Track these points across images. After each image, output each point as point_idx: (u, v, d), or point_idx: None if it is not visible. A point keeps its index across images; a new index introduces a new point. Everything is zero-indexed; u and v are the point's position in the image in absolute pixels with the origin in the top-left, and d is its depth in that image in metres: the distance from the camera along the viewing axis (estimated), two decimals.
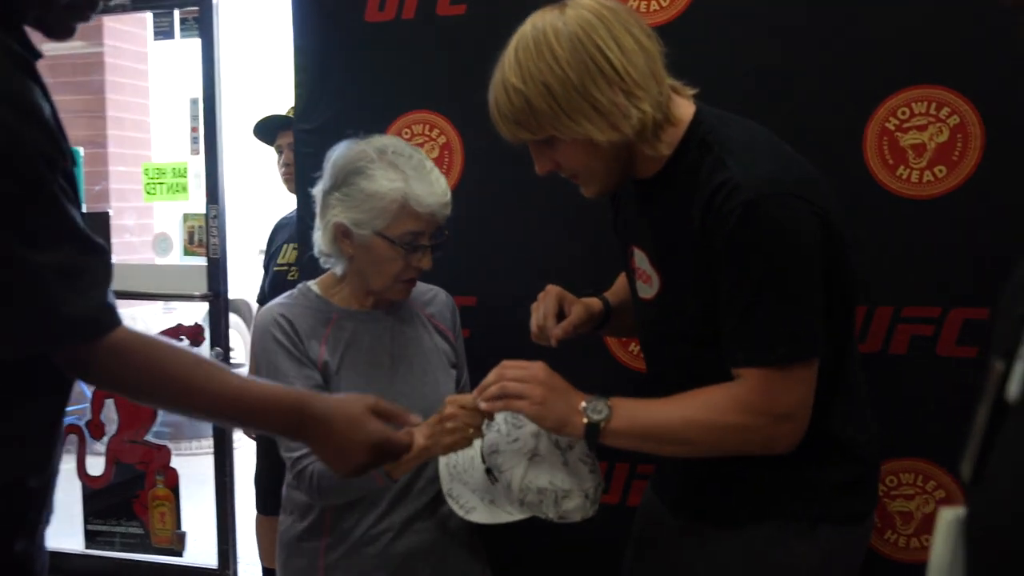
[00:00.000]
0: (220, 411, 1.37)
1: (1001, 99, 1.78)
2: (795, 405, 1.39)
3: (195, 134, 3.48)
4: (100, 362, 1.21)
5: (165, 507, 3.53)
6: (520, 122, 1.43)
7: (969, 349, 1.82)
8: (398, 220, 1.74)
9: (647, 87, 1.38)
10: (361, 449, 1.40)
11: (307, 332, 1.81)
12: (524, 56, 1.40)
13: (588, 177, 1.50)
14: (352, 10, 2.24)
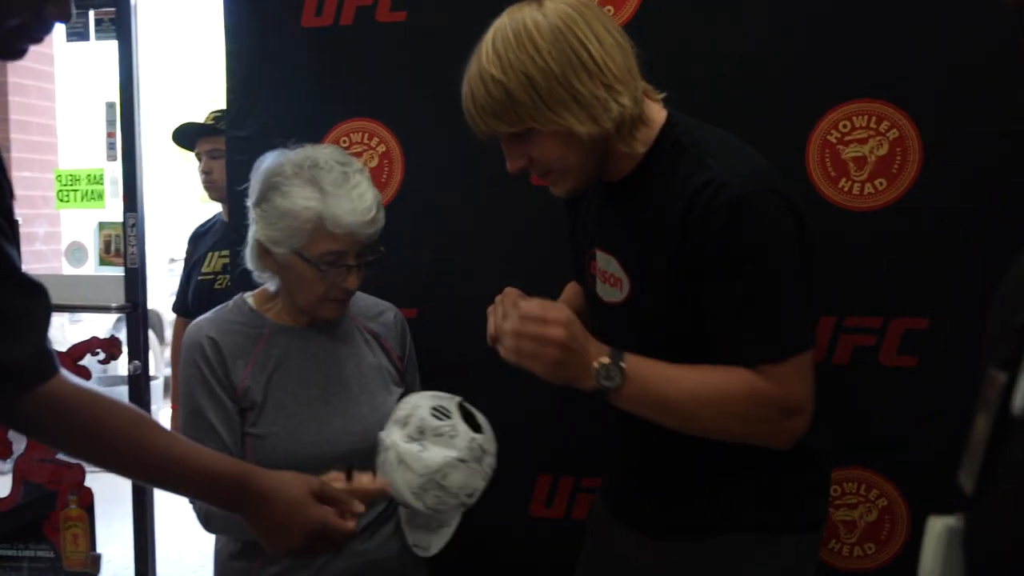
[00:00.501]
0: (158, 477, 1.31)
1: (938, 114, 1.82)
2: (805, 398, 1.39)
3: (111, 139, 3.34)
4: (30, 414, 1.14)
5: (78, 528, 3.37)
6: (498, 113, 1.41)
7: (910, 359, 1.86)
8: (315, 240, 1.68)
9: (625, 82, 1.39)
10: (298, 533, 1.35)
11: (234, 352, 1.74)
12: (504, 47, 1.39)
13: (562, 173, 1.47)
14: (288, 14, 2.18)
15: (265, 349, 1.77)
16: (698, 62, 1.95)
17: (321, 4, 2.16)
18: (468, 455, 1.66)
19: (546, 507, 2.09)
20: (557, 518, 2.08)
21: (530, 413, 2.05)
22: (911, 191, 1.84)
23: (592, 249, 1.59)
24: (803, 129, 1.89)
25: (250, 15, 2.21)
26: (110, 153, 3.37)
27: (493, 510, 2.04)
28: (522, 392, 2.04)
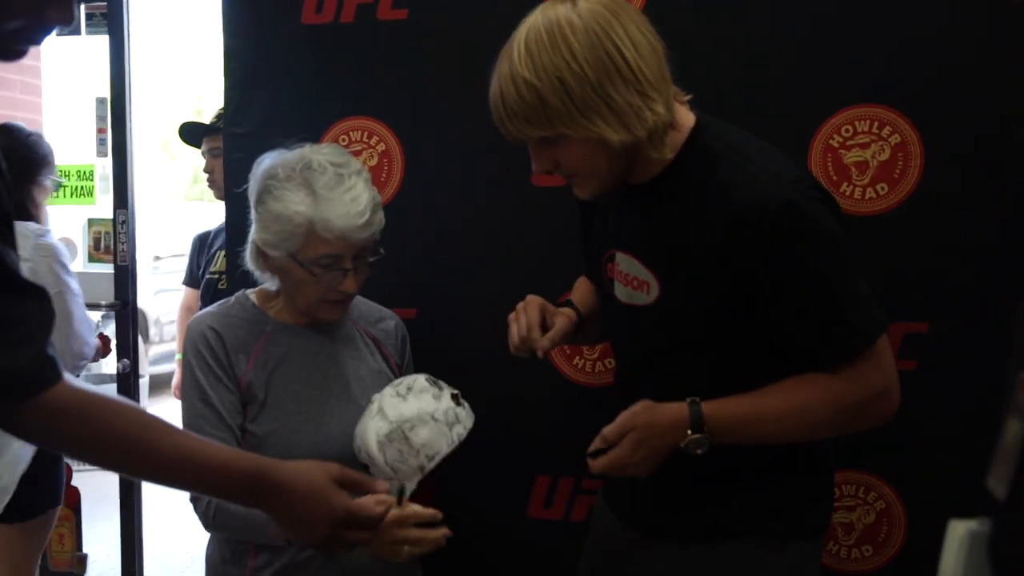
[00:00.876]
0: (172, 477, 1.28)
1: (940, 119, 1.83)
2: (884, 381, 1.43)
3: (102, 135, 3.32)
4: (33, 422, 1.12)
5: (64, 528, 3.34)
6: (530, 118, 1.38)
7: (909, 363, 1.86)
8: (308, 244, 1.68)
9: (660, 88, 1.37)
10: (324, 522, 1.32)
11: (236, 347, 1.74)
12: (538, 49, 1.35)
13: (588, 177, 1.46)
14: (287, 11, 2.16)
15: (267, 346, 1.76)
16: (700, 65, 1.93)
17: (321, 1, 2.15)
18: (442, 416, 1.67)
19: (545, 508, 2.08)
20: (556, 519, 2.08)
21: (529, 413, 2.05)
22: (912, 196, 1.85)
23: (611, 251, 1.58)
24: (805, 133, 1.89)
25: (249, 11, 2.20)
26: (100, 149, 3.34)
27: (492, 511, 2.04)
28: (521, 392, 2.05)
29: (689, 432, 1.40)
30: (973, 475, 1.81)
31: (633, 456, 1.42)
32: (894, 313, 1.86)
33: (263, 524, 1.53)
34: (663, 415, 1.43)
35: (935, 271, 1.85)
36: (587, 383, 2.05)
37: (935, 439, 1.86)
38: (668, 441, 1.42)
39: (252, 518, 1.55)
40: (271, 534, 1.60)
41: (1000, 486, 0.72)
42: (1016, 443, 0.71)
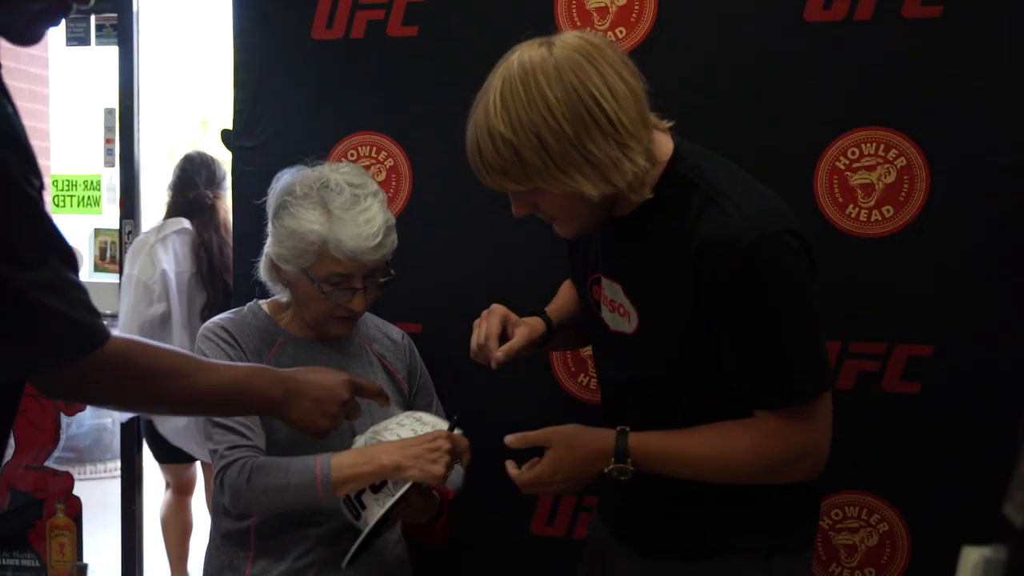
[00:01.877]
0: (214, 409, 1.49)
1: (946, 143, 1.84)
2: (814, 442, 1.40)
3: (110, 145, 3.33)
4: (96, 376, 1.19)
5: (65, 537, 3.33)
6: (507, 173, 1.35)
7: (913, 385, 1.87)
8: (320, 262, 1.70)
9: (639, 136, 1.34)
10: (341, 386, 1.50)
11: (249, 348, 1.77)
12: (513, 101, 1.31)
13: (568, 222, 1.45)
14: (298, 26, 2.18)
15: (276, 356, 1.79)
16: (708, 87, 1.96)
17: (332, 16, 2.16)
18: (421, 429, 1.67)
19: (547, 525, 2.09)
20: (559, 536, 2.08)
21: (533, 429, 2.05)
22: (918, 219, 1.86)
23: (597, 275, 1.58)
24: (812, 155, 1.90)
25: (260, 25, 2.21)
26: (108, 159, 3.35)
27: (495, 527, 2.04)
28: (526, 408, 2.05)
29: (612, 460, 1.43)
30: (977, 498, 1.83)
31: (554, 474, 1.46)
32: (898, 335, 1.87)
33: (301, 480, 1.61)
34: (585, 440, 1.47)
35: (940, 294, 1.85)
36: (591, 400, 2.05)
37: (939, 461, 1.87)
38: (590, 465, 1.46)
39: (293, 470, 1.62)
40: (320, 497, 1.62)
41: (1018, 514, 0.72)
42: None
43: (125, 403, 1.31)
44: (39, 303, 1.08)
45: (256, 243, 2.23)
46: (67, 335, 1.12)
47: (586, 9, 2.01)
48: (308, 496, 1.61)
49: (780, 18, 1.91)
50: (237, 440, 1.67)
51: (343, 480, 1.59)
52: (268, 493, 1.63)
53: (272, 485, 1.62)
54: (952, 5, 1.81)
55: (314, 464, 1.61)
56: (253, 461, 1.65)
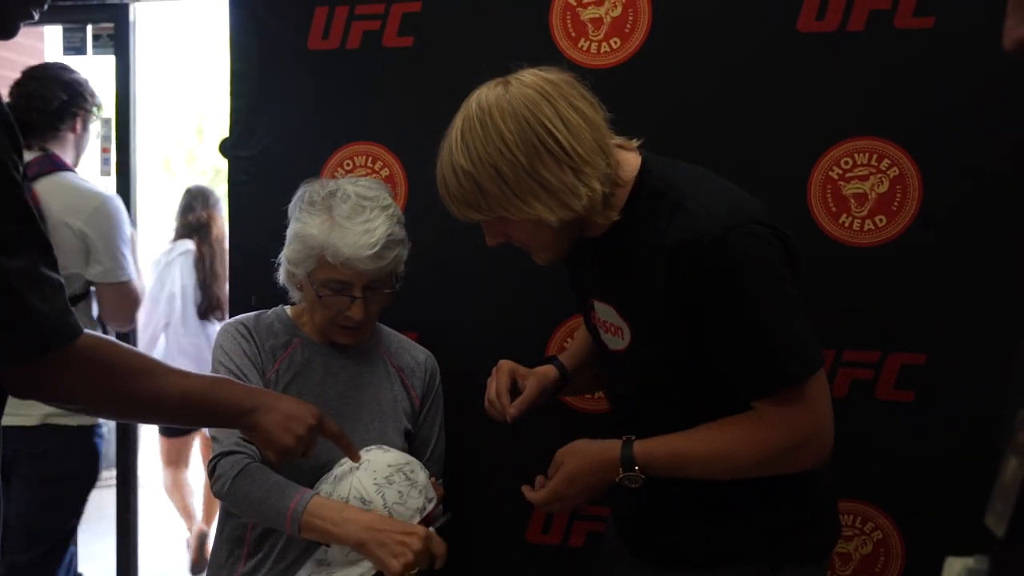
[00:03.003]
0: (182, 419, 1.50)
1: (938, 153, 1.85)
2: (813, 426, 1.42)
3: (106, 155, 3.33)
4: (65, 372, 1.18)
5: None
6: (470, 203, 1.46)
7: (906, 393, 1.88)
8: (320, 267, 1.74)
9: (594, 163, 1.41)
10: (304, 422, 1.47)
11: (265, 346, 1.81)
12: (471, 138, 1.42)
13: (539, 249, 1.53)
14: (294, 36, 2.19)
15: (291, 356, 1.82)
16: (701, 98, 1.97)
17: (328, 27, 2.18)
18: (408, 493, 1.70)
19: (543, 533, 2.09)
20: (554, 544, 2.08)
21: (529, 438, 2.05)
22: (910, 228, 1.86)
23: (591, 300, 1.62)
24: (805, 165, 1.91)
25: (256, 36, 2.22)
26: (104, 168, 3.35)
27: (491, 535, 2.04)
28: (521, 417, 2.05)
29: (621, 470, 1.47)
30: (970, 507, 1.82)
31: (568, 488, 1.52)
32: (892, 344, 1.88)
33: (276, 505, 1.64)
34: (593, 453, 1.52)
35: (933, 303, 1.86)
36: (587, 409, 2.06)
37: (933, 470, 1.87)
38: (602, 476, 1.50)
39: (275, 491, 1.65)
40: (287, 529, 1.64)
41: (999, 524, 0.73)
42: (1015, 482, 0.72)
43: (93, 402, 1.29)
44: (15, 291, 1.08)
45: (251, 251, 2.24)
46: (38, 329, 1.12)
47: (581, 20, 2.02)
48: (277, 522, 1.65)
49: (773, 29, 1.92)
50: (240, 440, 1.70)
51: (311, 528, 1.63)
52: (245, 500, 1.67)
53: (250, 496, 1.66)
54: (944, 16, 1.83)
55: (293, 498, 1.63)
56: (249, 463, 1.68)
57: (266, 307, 1.96)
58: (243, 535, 1.80)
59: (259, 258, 2.21)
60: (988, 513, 0.75)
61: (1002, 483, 0.73)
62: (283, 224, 1.89)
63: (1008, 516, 0.72)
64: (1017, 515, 0.72)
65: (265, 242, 2.19)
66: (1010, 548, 0.72)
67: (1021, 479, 0.71)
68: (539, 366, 1.76)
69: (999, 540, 0.72)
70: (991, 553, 0.76)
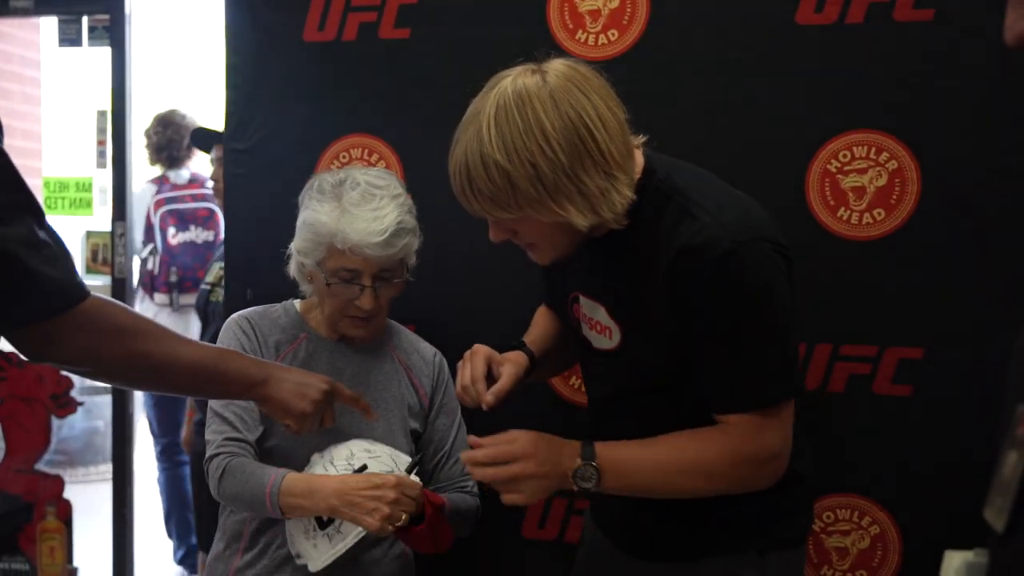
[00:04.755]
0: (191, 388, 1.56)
1: (937, 146, 1.84)
2: (780, 444, 1.40)
3: (102, 147, 3.33)
4: (74, 332, 1.19)
5: (55, 540, 3.32)
6: (497, 200, 1.34)
7: (904, 388, 1.87)
8: (330, 255, 1.72)
9: (626, 167, 1.35)
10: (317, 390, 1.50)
11: (268, 341, 1.81)
12: (510, 130, 1.30)
13: (548, 249, 1.45)
14: (290, 28, 2.18)
15: (296, 351, 1.82)
16: (699, 90, 1.96)
17: (324, 19, 2.16)
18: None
19: (539, 528, 2.08)
20: (550, 540, 2.08)
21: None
22: (909, 222, 1.86)
23: (575, 293, 1.58)
24: (804, 158, 1.90)
25: (252, 27, 2.21)
26: (100, 161, 3.35)
27: (486, 530, 2.03)
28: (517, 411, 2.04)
29: (580, 459, 1.39)
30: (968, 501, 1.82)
31: (524, 454, 1.40)
32: (889, 338, 1.87)
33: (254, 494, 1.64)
34: (553, 438, 1.44)
35: (931, 297, 1.86)
36: (582, 403, 2.04)
37: (930, 464, 1.87)
38: (558, 459, 1.40)
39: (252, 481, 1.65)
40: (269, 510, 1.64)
41: (998, 518, 0.72)
42: (1014, 476, 0.71)
43: (104, 364, 1.28)
44: (18, 259, 1.09)
45: (247, 244, 2.24)
46: (46, 292, 1.13)
47: (578, 12, 2.01)
48: (261, 509, 1.67)
49: (772, 21, 1.91)
50: (228, 432, 1.71)
51: (290, 508, 1.63)
52: (234, 498, 1.69)
53: (235, 492, 1.67)
54: (944, 9, 1.82)
55: (267, 482, 1.64)
56: (228, 462, 1.68)
57: (261, 301, 1.96)
58: (241, 529, 1.80)
59: (255, 251, 2.21)
60: (987, 507, 0.74)
61: (1001, 477, 0.73)
62: (280, 216, 1.88)
63: (1008, 510, 0.72)
64: (1016, 509, 0.71)
65: (261, 235, 2.19)
66: (1009, 542, 0.71)
67: (1020, 473, 0.70)
68: (508, 352, 1.69)
69: (998, 534, 0.72)
70: (990, 547, 0.75)
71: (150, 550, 3.54)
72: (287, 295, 1.93)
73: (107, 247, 3.33)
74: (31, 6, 3.30)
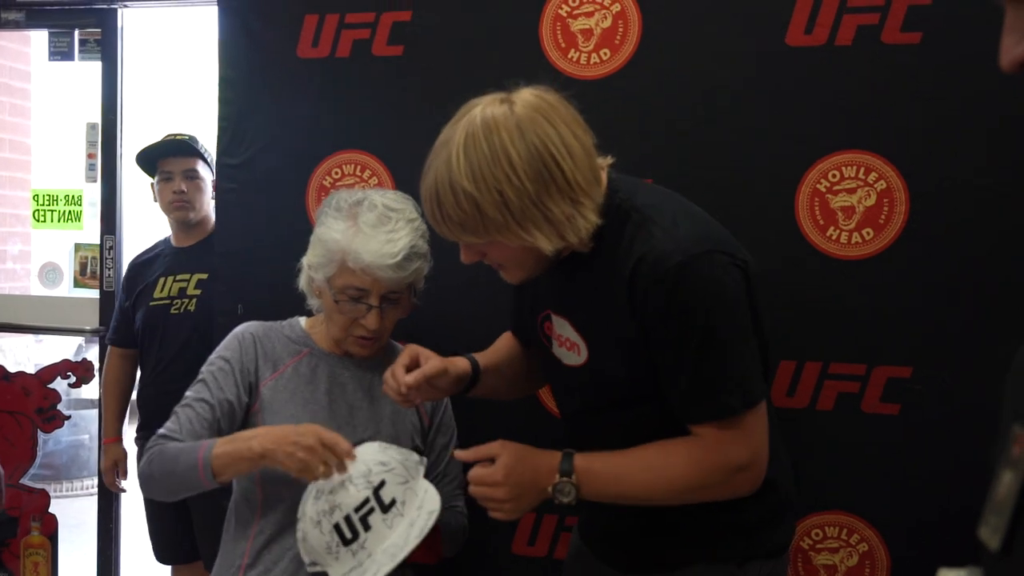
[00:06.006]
0: None
1: (925, 167, 1.86)
2: (751, 453, 1.42)
3: (92, 160, 3.32)
4: None
5: (40, 556, 3.29)
6: (465, 226, 1.39)
7: (892, 406, 1.88)
8: (340, 273, 1.74)
9: (591, 193, 1.38)
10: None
11: (267, 356, 1.81)
12: (478, 159, 1.34)
13: (516, 270, 1.49)
14: (283, 44, 2.19)
15: (296, 365, 1.82)
16: (690, 110, 1.98)
17: (318, 35, 2.17)
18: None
19: (528, 545, 2.08)
20: (539, 556, 2.08)
21: None
22: (897, 242, 1.87)
23: (546, 310, 1.60)
24: (793, 177, 1.92)
25: (245, 43, 2.22)
26: (90, 174, 3.34)
27: (476, 547, 2.03)
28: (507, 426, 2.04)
29: (557, 475, 1.43)
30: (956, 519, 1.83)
31: (506, 478, 1.44)
32: (878, 357, 1.89)
33: (190, 468, 1.64)
34: (533, 453, 1.48)
35: (919, 316, 1.87)
36: None
37: (919, 482, 1.88)
38: (537, 478, 1.44)
39: (187, 453, 1.65)
40: (203, 482, 1.65)
41: (992, 537, 0.73)
42: (1009, 495, 0.72)
43: None
44: None
45: (238, 259, 2.23)
46: None
47: (571, 31, 2.02)
48: (191, 475, 1.64)
49: (762, 42, 1.93)
50: (169, 430, 1.72)
51: (222, 460, 1.62)
52: (164, 475, 1.68)
53: (164, 469, 1.67)
54: (931, 31, 1.84)
55: (198, 450, 1.64)
56: (160, 446, 1.70)
57: (253, 316, 1.96)
58: (244, 547, 1.78)
59: (246, 266, 2.21)
60: (982, 526, 0.75)
61: (996, 496, 0.73)
62: (271, 231, 1.89)
63: (1003, 529, 0.72)
64: (1012, 529, 0.72)
65: (253, 250, 2.19)
66: (1004, 561, 0.72)
67: (1015, 493, 0.71)
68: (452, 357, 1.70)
69: (993, 553, 0.72)
70: (984, 566, 0.76)
71: (136, 566, 3.51)
72: (278, 309, 1.93)
73: (96, 260, 3.31)
74: (22, 19, 3.30)
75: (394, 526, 1.61)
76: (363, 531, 1.60)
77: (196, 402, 1.75)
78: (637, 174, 1.64)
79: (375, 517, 1.61)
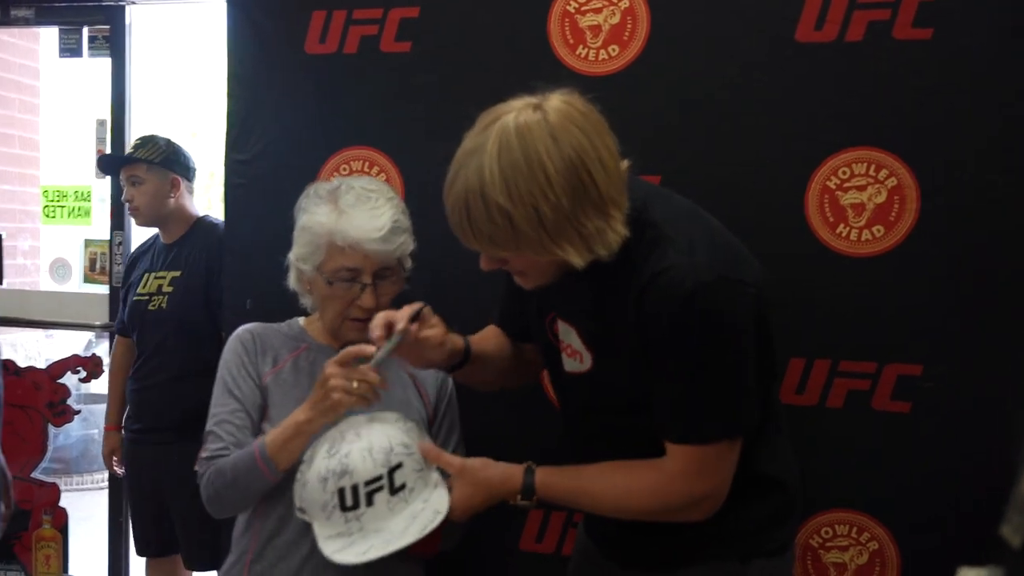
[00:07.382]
0: None
1: (936, 164, 1.85)
2: (714, 486, 1.43)
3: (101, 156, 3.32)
4: None
5: (51, 548, 3.32)
6: (496, 240, 1.34)
7: (903, 404, 1.87)
8: (330, 256, 1.73)
9: (620, 203, 1.35)
10: None
11: (266, 350, 1.83)
12: (513, 173, 1.29)
13: (536, 279, 1.46)
14: (292, 40, 2.19)
15: (296, 360, 1.83)
16: (699, 106, 1.97)
17: (325, 31, 2.17)
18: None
19: (536, 542, 2.08)
20: (547, 553, 2.08)
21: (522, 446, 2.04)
22: (908, 239, 1.86)
23: (552, 313, 1.58)
24: (803, 174, 1.91)
25: (254, 39, 2.22)
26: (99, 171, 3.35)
27: (485, 544, 2.03)
28: (514, 423, 2.05)
29: (519, 497, 1.52)
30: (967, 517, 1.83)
31: (466, 507, 1.57)
32: (888, 354, 1.88)
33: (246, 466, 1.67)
34: (489, 475, 1.56)
35: (930, 313, 1.86)
36: None
37: (929, 480, 1.87)
38: (495, 498, 1.56)
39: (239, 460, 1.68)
40: (267, 477, 1.67)
41: (1015, 535, 0.73)
42: None
43: None
44: None
45: (247, 255, 2.24)
46: None
47: (579, 27, 2.02)
48: (257, 477, 1.67)
49: (772, 38, 1.92)
50: (214, 451, 1.73)
51: (277, 450, 1.65)
52: (227, 487, 1.70)
53: (226, 483, 1.69)
54: (942, 27, 1.83)
55: (253, 448, 1.67)
56: (210, 470, 1.71)
57: (261, 311, 1.96)
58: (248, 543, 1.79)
59: (255, 262, 2.21)
60: (1004, 524, 0.75)
61: (1019, 495, 0.73)
62: (279, 227, 1.88)
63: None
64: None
65: (261, 246, 2.19)
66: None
67: None
68: None
69: (1016, 551, 0.72)
70: (1006, 564, 0.76)
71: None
72: (286, 305, 1.93)
73: (105, 256, 3.32)
74: (32, 16, 3.31)
75: (395, 510, 1.60)
76: (364, 505, 1.60)
77: (231, 415, 1.76)
78: (645, 171, 1.63)
79: (381, 496, 1.60)
